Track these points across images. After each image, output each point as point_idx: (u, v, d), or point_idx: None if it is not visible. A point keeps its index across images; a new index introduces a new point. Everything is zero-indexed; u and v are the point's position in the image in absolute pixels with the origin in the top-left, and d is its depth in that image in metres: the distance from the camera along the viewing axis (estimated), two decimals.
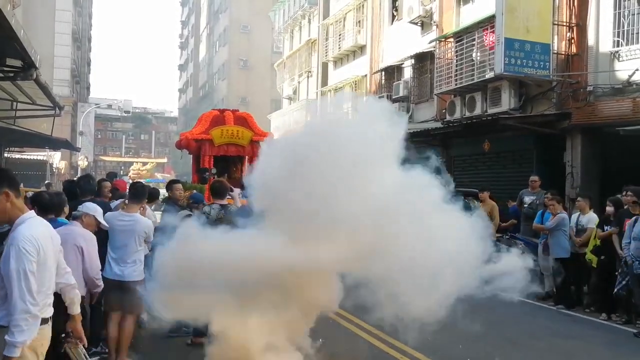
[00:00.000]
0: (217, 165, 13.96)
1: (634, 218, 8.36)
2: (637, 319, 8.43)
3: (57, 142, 19.34)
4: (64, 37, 35.99)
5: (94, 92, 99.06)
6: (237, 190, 7.62)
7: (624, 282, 8.34)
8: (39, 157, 25.27)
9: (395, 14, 22.60)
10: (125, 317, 6.07)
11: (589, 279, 9.50)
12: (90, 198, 6.73)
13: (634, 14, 12.65)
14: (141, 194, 6.40)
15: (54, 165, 26.71)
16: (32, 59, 8.58)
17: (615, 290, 8.45)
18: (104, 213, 5.88)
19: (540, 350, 7.00)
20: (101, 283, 5.42)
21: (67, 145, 22.56)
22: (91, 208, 5.52)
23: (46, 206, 5.41)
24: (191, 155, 14.46)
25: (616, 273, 8.57)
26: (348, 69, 26.42)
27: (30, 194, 7.72)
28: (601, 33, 13.07)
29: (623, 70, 12.53)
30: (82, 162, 33.15)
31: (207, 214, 6.51)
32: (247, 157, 13.86)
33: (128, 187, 8.18)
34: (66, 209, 5.70)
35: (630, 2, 12.73)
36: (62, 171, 27.67)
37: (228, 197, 7.19)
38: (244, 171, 12.52)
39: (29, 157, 24.97)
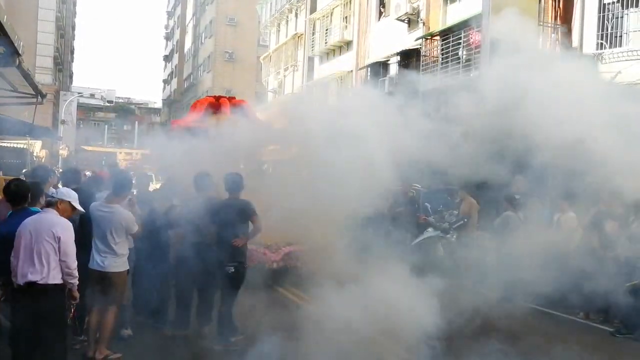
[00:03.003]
0: None
1: None
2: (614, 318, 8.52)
3: (38, 130, 19.02)
4: (47, 25, 35.36)
5: (76, 80, 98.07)
6: None
7: None
8: (19, 145, 24.83)
9: (382, 10, 22.66)
10: (106, 308, 6.04)
11: None
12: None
13: (618, 17, 12.82)
14: (123, 185, 6.33)
15: (34, 154, 26.23)
16: (15, 45, 8.48)
17: None
18: None
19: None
20: (76, 274, 5.02)
21: (48, 134, 22.22)
22: (66, 194, 5.25)
23: (13, 196, 5.36)
24: None
25: None
26: (334, 64, 26.41)
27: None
28: (585, 35, 13.23)
29: (606, 73, 12.67)
30: (63, 151, 32.59)
31: None
32: None
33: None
34: (42, 200, 5.56)
35: (614, 6, 12.90)
36: (43, 160, 27.18)
37: None
38: None
39: (9, 144, 24.55)
